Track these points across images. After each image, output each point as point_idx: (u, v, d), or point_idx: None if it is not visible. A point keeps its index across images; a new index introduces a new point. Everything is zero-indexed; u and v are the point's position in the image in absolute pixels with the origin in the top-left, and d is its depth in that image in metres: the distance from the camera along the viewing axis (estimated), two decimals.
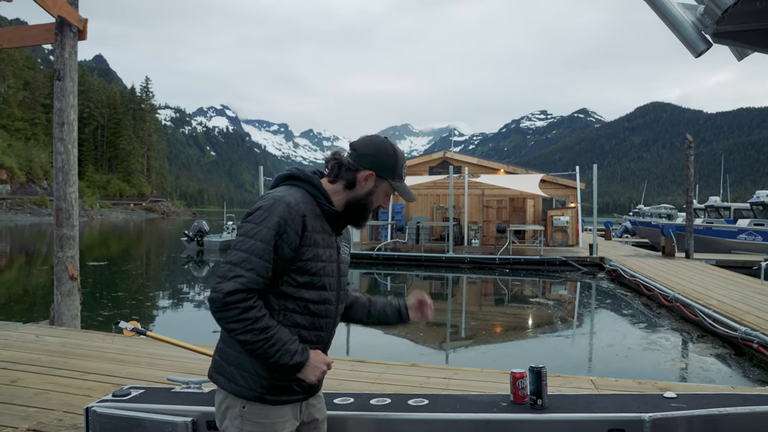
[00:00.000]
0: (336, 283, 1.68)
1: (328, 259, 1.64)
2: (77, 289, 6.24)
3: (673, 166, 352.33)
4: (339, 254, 1.70)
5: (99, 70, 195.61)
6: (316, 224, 1.60)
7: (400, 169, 1.65)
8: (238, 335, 1.49)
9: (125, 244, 31.17)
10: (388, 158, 1.63)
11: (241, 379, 1.58)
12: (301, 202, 1.58)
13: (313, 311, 1.62)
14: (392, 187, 1.65)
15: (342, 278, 1.73)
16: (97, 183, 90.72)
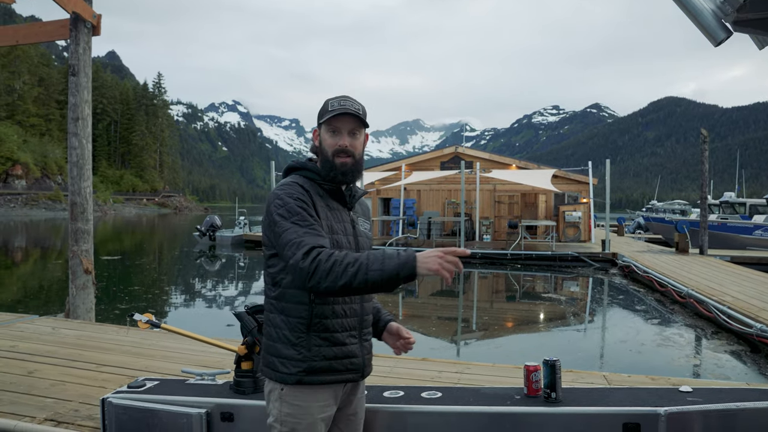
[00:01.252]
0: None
1: (342, 231, 1.73)
2: (92, 282, 6.30)
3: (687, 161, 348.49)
4: (355, 228, 1.78)
5: (112, 66, 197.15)
6: (321, 202, 1.72)
7: (326, 106, 1.71)
8: (341, 282, 1.48)
9: (138, 239, 31.45)
10: (321, 109, 1.73)
11: (281, 365, 1.67)
12: (300, 183, 1.72)
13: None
14: (326, 122, 1.70)
15: (361, 251, 1.68)
16: (110, 178, 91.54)
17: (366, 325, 1.77)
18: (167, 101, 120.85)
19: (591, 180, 21.40)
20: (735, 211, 27.86)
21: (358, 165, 1.74)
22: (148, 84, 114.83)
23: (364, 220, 1.85)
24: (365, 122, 1.73)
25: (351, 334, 1.71)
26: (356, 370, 1.73)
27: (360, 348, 1.74)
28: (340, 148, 1.68)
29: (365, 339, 1.77)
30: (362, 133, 1.74)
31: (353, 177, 1.74)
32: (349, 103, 1.70)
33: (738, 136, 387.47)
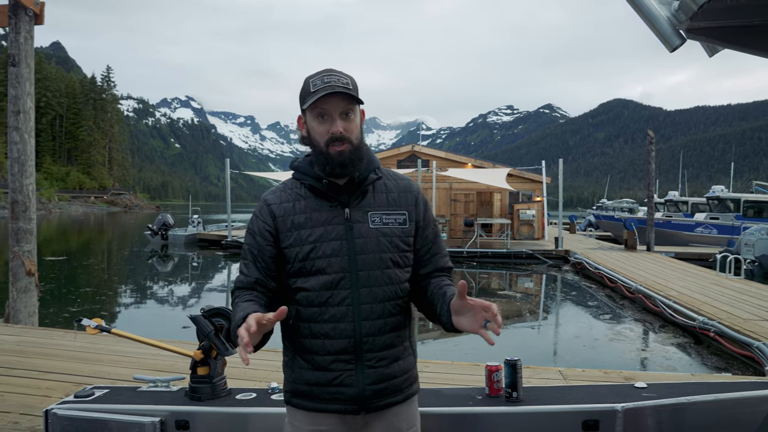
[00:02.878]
0: (348, 262, 1.44)
1: (323, 237, 1.45)
2: (34, 284, 6.02)
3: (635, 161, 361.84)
4: (352, 229, 1.46)
5: (57, 58, 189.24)
6: (298, 206, 1.50)
7: (307, 86, 1.44)
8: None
9: (85, 238, 30.29)
10: (302, 90, 1.48)
11: (285, 383, 1.57)
12: (273, 192, 1.56)
13: (316, 300, 1.45)
14: (311, 107, 1.43)
15: (367, 255, 1.45)
16: (55, 175, 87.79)
17: (372, 348, 1.45)
18: (117, 96, 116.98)
19: (544, 179, 21.90)
20: (678, 210, 29.11)
21: (358, 151, 1.46)
22: (96, 77, 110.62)
23: (385, 212, 1.50)
24: (358, 98, 1.43)
25: (339, 358, 1.45)
26: (349, 401, 1.45)
27: (357, 376, 1.44)
28: (333, 135, 1.42)
29: (373, 366, 1.45)
30: (356, 112, 1.46)
31: (354, 166, 1.45)
32: (335, 78, 1.42)
33: (680, 137, 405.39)
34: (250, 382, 3.58)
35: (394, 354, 1.48)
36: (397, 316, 1.49)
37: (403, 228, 1.50)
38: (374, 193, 1.52)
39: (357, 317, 1.44)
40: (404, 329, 1.52)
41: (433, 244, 1.57)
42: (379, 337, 1.46)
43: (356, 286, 1.45)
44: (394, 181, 1.57)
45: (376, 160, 1.55)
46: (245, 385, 3.01)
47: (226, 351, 2.14)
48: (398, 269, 1.49)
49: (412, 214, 1.53)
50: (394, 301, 1.48)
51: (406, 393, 1.51)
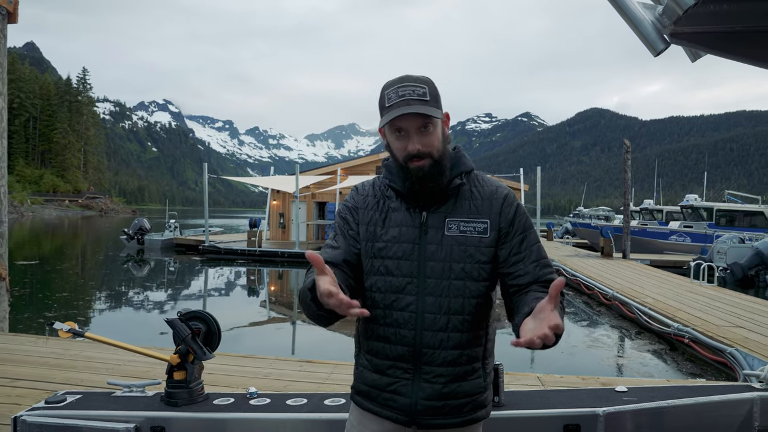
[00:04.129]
0: (415, 268, 1.38)
1: (397, 238, 1.40)
2: (5, 289, 5.85)
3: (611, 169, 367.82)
4: (426, 233, 1.40)
5: (31, 59, 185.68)
6: (381, 202, 1.46)
7: (383, 100, 1.37)
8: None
9: (59, 243, 29.66)
10: (379, 100, 1.39)
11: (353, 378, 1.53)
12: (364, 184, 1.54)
13: (381, 302, 1.41)
14: (389, 123, 1.36)
15: (438, 263, 1.38)
16: (28, 178, 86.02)
17: (431, 361, 1.37)
18: (93, 98, 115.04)
19: (522, 186, 22.12)
20: (653, 218, 29.63)
21: (439, 165, 1.37)
22: (71, 79, 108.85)
23: (464, 220, 1.40)
24: (437, 109, 1.36)
25: (396, 365, 1.39)
26: (401, 411, 1.39)
27: (412, 387, 1.37)
28: (410, 153, 1.35)
29: (430, 381, 1.37)
30: (436, 123, 1.37)
31: (434, 180, 1.38)
32: (410, 90, 1.33)
33: (655, 147, 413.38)
34: (228, 388, 3.52)
35: (455, 372, 1.37)
36: (464, 332, 1.37)
37: (482, 237, 1.38)
38: (457, 199, 1.42)
39: (419, 326, 1.37)
40: (474, 348, 1.39)
41: (528, 251, 1.39)
42: (440, 351, 1.37)
43: (422, 293, 1.38)
44: (482, 188, 1.45)
45: (466, 165, 1.46)
46: (223, 390, 2.96)
47: (204, 355, 2.09)
48: (471, 281, 1.38)
49: (495, 222, 1.40)
50: (462, 315, 1.37)
51: (466, 417, 1.39)
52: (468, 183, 1.45)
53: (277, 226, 24.54)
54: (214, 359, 2.32)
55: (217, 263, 17.79)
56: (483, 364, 1.42)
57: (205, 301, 11.65)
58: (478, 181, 1.47)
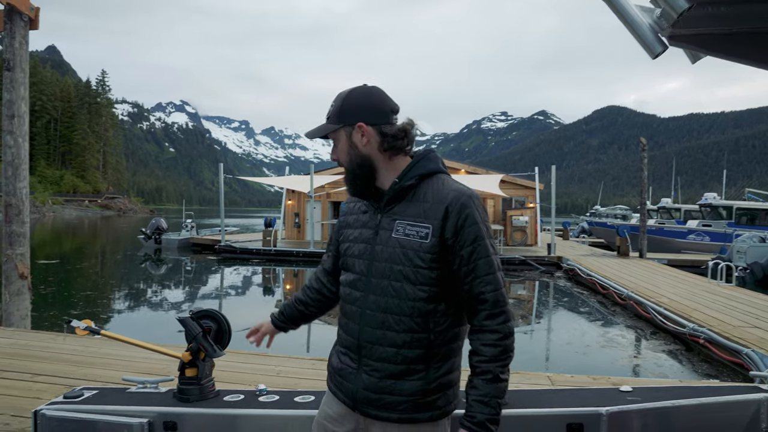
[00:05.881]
0: (365, 267, 1.47)
1: (357, 239, 1.52)
2: (27, 288, 6.00)
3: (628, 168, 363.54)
4: (377, 235, 1.47)
5: (52, 62, 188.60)
6: (359, 206, 1.58)
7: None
8: None
9: (79, 242, 30.15)
10: None
11: None
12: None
13: (343, 295, 1.56)
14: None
15: (381, 263, 1.44)
16: (49, 179, 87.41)
17: (369, 354, 1.44)
18: (111, 100, 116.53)
19: (537, 185, 22.00)
20: (671, 216, 29.25)
21: (352, 173, 1.49)
22: (91, 81, 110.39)
23: (409, 223, 1.43)
24: (332, 123, 1.48)
25: (348, 354, 1.50)
26: (346, 396, 1.49)
27: (356, 375, 1.47)
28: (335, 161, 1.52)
29: (368, 373, 1.44)
30: (339, 137, 1.49)
31: (354, 184, 1.51)
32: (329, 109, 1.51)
33: (674, 144, 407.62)
34: (238, 385, 3.59)
35: (390, 370, 1.41)
36: (400, 333, 1.40)
37: (423, 242, 1.40)
38: (412, 201, 1.45)
39: (362, 321, 1.46)
40: (412, 350, 1.40)
41: (470, 265, 1.38)
42: (377, 347, 1.43)
43: (367, 291, 1.46)
44: (436, 192, 1.44)
45: (426, 167, 1.48)
46: (233, 387, 3.02)
47: (214, 353, 2.15)
48: (408, 284, 1.40)
49: (437, 229, 1.39)
50: (399, 316, 1.41)
51: (402, 416, 1.41)
52: (425, 186, 1.46)
53: (292, 225, 24.69)
54: (226, 357, 2.38)
55: (233, 262, 17.95)
56: (427, 368, 1.41)
57: (221, 300, 11.78)
58: (439, 183, 1.46)
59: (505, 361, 1.36)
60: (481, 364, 1.35)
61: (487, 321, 1.37)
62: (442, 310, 1.41)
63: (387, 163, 1.48)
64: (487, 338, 1.36)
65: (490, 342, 1.35)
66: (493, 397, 1.34)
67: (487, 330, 1.36)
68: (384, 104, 1.48)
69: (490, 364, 1.34)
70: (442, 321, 1.41)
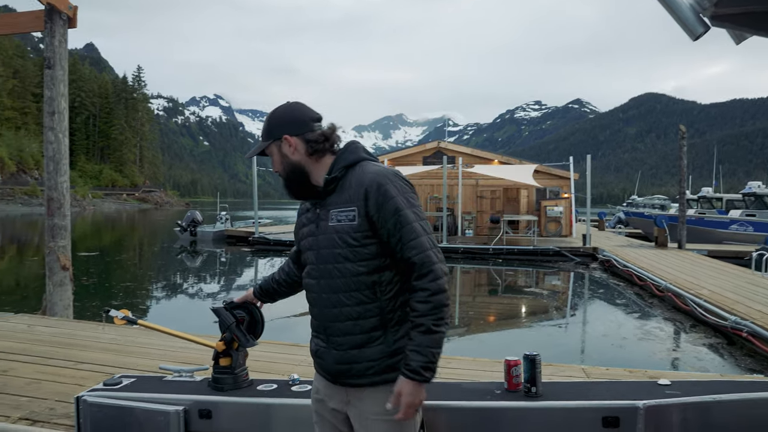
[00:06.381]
0: (314, 256, 1.67)
1: (306, 233, 1.72)
2: (69, 279, 6.19)
3: (667, 156, 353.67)
4: (318, 226, 1.66)
5: (90, 59, 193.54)
6: (306, 205, 1.77)
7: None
8: None
9: (118, 235, 31.02)
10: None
11: None
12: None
13: (304, 286, 1.76)
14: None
15: (323, 250, 1.63)
16: (89, 173, 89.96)
17: (333, 332, 1.63)
18: (147, 95, 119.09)
19: (572, 175, 21.58)
20: (712, 206, 28.33)
21: (288, 180, 1.68)
22: (127, 77, 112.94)
23: (339, 210, 1.61)
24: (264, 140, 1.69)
25: (317, 335, 1.71)
26: (324, 371, 1.69)
27: (327, 352, 1.65)
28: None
29: (336, 348, 1.63)
30: (270, 150, 1.69)
31: (295, 191, 1.70)
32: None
33: (716, 132, 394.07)
34: (272, 375, 3.63)
35: (352, 341, 1.60)
36: (353, 307, 1.58)
37: (352, 224, 1.58)
38: (340, 191, 1.63)
39: (320, 304, 1.66)
40: (367, 319, 1.58)
41: (396, 234, 1.55)
42: (337, 324, 1.62)
43: (319, 277, 1.65)
44: (357, 178, 1.61)
45: (347, 159, 1.65)
46: (267, 376, 3.06)
47: (247, 343, 2.17)
48: (349, 263, 1.58)
49: (362, 209, 1.57)
50: (348, 293, 1.59)
51: (372, 379, 1.59)
52: (349, 174, 1.63)
53: None
54: (259, 347, 2.41)
55: (267, 254, 18.19)
56: (384, 333, 1.59)
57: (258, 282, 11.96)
58: (360, 170, 1.63)
59: (437, 315, 1.51)
60: (416, 319, 1.52)
61: (417, 281, 1.53)
62: (387, 279, 1.58)
63: (316, 165, 1.66)
64: (419, 296, 1.52)
65: (422, 299, 1.52)
66: (426, 347, 1.50)
67: (418, 288, 1.53)
68: (303, 115, 1.67)
69: (423, 318, 1.51)
70: (388, 289, 1.59)
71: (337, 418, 1.70)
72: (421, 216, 1.59)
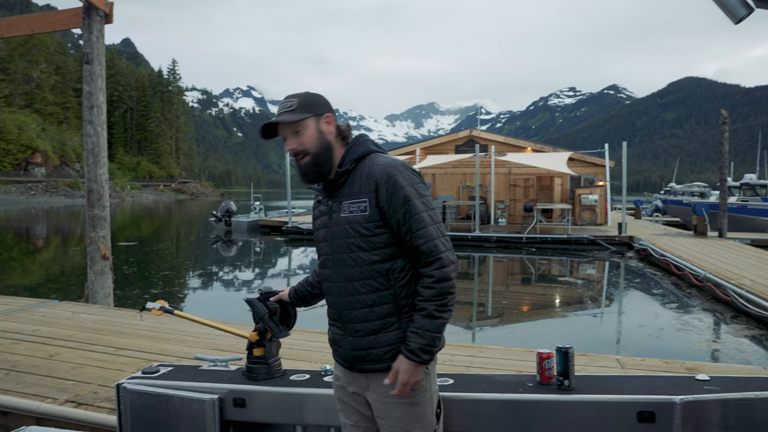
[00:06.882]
0: (328, 247, 1.72)
1: (320, 226, 1.77)
2: (109, 268, 6.39)
3: (707, 142, 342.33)
4: (331, 218, 1.71)
5: (127, 54, 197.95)
6: (317, 199, 1.81)
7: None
8: None
9: (155, 225, 31.80)
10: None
11: None
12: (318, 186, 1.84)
13: (321, 275, 1.81)
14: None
15: (337, 241, 1.68)
16: (127, 165, 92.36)
17: (349, 319, 1.68)
18: (182, 88, 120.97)
19: (607, 162, 21.12)
20: (756, 194, 27.34)
21: (318, 158, 1.66)
22: (162, 71, 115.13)
23: (351, 201, 1.66)
24: (303, 114, 1.64)
25: (334, 324, 1.77)
26: (342, 359, 1.76)
27: (344, 340, 1.72)
28: (291, 153, 1.68)
29: (352, 335, 1.69)
30: (305, 125, 1.65)
31: (318, 172, 1.68)
32: (283, 105, 1.67)
33: (761, 116, 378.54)
34: (305, 363, 3.69)
35: (369, 327, 1.65)
36: (368, 294, 1.64)
37: (364, 215, 1.63)
38: (351, 183, 1.68)
39: (336, 293, 1.71)
40: (381, 306, 1.64)
41: (405, 224, 1.60)
42: (353, 311, 1.67)
43: (334, 266, 1.70)
44: (367, 169, 1.66)
45: (357, 152, 1.69)
46: (299, 365, 3.11)
47: (280, 333, 2.20)
48: (363, 252, 1.64)
49: (373, 200, 1.62)
50: (363, 281, 1.64)
51: (389, 363, 1.63)
52: (360, 167, 1.68)
53: None
54: (294, 335, 2.45)
55: (300, 243, 18.39)
56: (399, 318, 1.64)
57: (288, 280, 12.12)
58: (370, 162, 1.67)
59: (440, 301, 1.56)
60: (420, 303, 1.59)
61: (424, 268, 1.60)
62: (400, 266, 1.64)
63: (338, 151, 1.70)
64: (425, 281, 1.59)
65: (427, 284, 1.58)
66: (426, 330, 1.56)
67: (425, 275, 1.59)
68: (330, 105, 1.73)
69: (426, 303, 1.57)
70: (401, 276, 1.64)
71: (358, 401, 1.76)
72: (429, 206, 1.64)
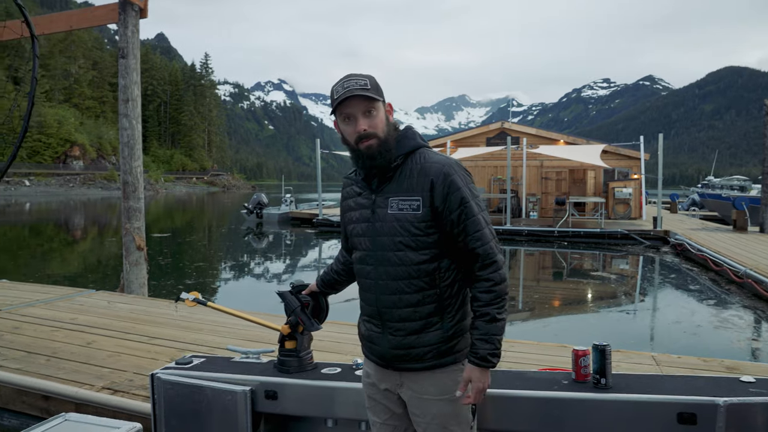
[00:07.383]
0: (370, 242, 1.65)
1: (358, 219, 1.70)
2: (144, 258, 6.52)
3: (748, 134, 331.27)
4: (375, 213, 1.64)
5: (161, 48, 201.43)
6: (354, 189, 1.74)
7: (332, 94, 1.59)
8: None
9: (188, 217, 32.40)
10: (330, 98, 1.62)
11: None
12: (349, 175, 1.81)
13: (357, 271, 1.75)
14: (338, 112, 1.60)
15: (383, 238, 1.61)
16: (161, 158, 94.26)
17: (390, 318, 1.64)
18: (214, 81, 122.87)
19: (642, 155, 20.61)
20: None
21: (386, 143, 1.58)
22: (195, 65, 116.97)
23: (401, 198, 1.59)
24: (377, 96, 1.57)
25: (371, 321, 1.72)
26: (378, 357, 1.71)
27: (382, 338, 1.67)
28: (359, 134, 1.56)
29: (392, 333, 1.64)
30: (379, 108, 1.59)
31: (383, 157, 1.58)
32: (353, 82, 1.55)
33: None
34: (336, 355, 3.69)
35: (411, 327, 1.62)
36: (412, 294, 1.60)
37: (416, 214, 1.58)
38: (400, 178, 1.62)
39: (377, 290, 1.66)
40: (425, 306, 1.61)
41: (460, 225, 1.57)
42: (395, 310, 1.63)
43: (377, 263, 1.65)
44: (420, 166, 1.60)
45: (409, 145, 1.63)
46: (331, 358, 3.11)
47: (312, 326, 2.20)
48: (411, 252, 1.59)
49: (427, 200, 1.57)
50: (408, 280, 1.60)
51: (430, 363, 1.63)
52: (410, 162, 1.62)
53: None
54: (326, 327, 2.45)
55: (330, 236, 18.49)
56: (442, 319, 1.62)
57: (319, 273, 12.21)
58: (421, 158, 1.62)
59: (500, 304, 1.56)
60: (480, 308, 1.56)
61: (481, 272, 1.57)
62: (445, 266, 1.61)
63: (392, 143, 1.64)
64: (482, 286, 1.57)
65: (485, 289, 1.56)
66: (493, 335, 1.55)
67: (481, 279, 1.57)
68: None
69: (487, 308, 1.55)
70: (446, 276, 1.61)
71: (389, 398, 1.74)
72: (482, 207, 1.62)
